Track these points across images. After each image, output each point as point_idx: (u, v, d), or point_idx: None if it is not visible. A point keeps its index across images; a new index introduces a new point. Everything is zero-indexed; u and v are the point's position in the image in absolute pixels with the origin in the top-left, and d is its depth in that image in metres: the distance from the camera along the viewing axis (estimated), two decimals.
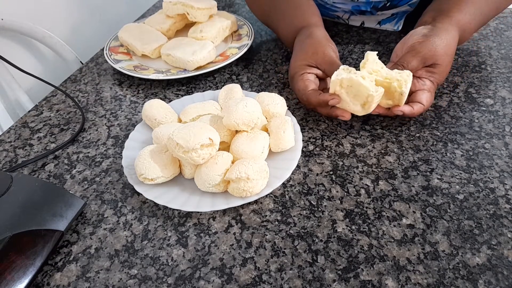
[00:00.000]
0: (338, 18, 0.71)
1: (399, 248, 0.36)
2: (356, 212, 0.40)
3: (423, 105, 0.47)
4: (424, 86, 0.48)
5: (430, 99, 0.48)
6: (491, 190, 0.41)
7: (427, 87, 0.48)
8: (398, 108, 0.46)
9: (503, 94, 0.53)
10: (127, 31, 0.68)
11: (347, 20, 0.71)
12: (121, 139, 0.52)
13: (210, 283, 0.35)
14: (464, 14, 0.51)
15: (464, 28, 0.51)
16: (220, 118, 0.45)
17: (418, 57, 0.47)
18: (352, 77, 0.43)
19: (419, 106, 0.47)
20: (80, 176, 0.47)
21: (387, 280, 0.34)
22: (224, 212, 0.41)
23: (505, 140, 0.46)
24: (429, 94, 0.48)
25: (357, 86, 0.44)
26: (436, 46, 0.47)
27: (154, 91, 0.61)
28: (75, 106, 0.59)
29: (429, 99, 0.48)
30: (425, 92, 0.48)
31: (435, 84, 0.49)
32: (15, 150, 0.52)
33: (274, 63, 0.65)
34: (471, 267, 0.34)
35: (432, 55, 0.47)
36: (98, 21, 0.95)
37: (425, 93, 0.48)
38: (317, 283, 0.34)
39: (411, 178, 0.43)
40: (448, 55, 0.48)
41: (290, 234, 0.39)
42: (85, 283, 0.36)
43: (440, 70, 0.48)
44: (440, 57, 0.47)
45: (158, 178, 0.42)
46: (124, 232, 0.40)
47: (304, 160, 0.46)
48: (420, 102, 0.47)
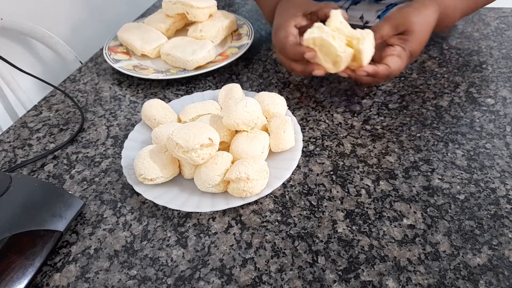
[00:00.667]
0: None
1: (400, 248, 0.36)
2: (357, 213, 0.40)
3: (388, 67, 0.47)
4: (394, 51, 0.48)
5: (398, 64, 0.48)
6: (492, 190, 0.41)
7: (396, 52, 0.48)
8: (361, 69, 0.47)
9: (504, 94, 0.53)
10: (126, 31, 0.68)
11: (346, 11, 0.70)
12: (120, 139, 0.52)
13: (210, 284, 0.35)
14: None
15: (446, 7, 0.51)
16: (220, 118, 0.45)
17: (390, 23, 0.48)
18: (323, 36, 0.44)
19: (384, 66, 0.47)
20: (79, 176, 0.47)
21: (387, 281, 0.34)
22: (224, 213, 0.41)
23: (506, 140, 0.46)
24: (397, 59, 0.48)
25: (327, 46, 0.45)
26: (409, 13, 0.48)
27: (154, 91, 0.60)
28: (74, 106, 0.59)
29: (396, 63, 0.48)
30: (393, 56, 0.48)
31: (407, 51, 0.49)
32: (14, 150, 0.52)
33: (274, 63, 0.64)
34: (472, 268, 0.34)
35: (404, 22, 0.48)
36: (98, 21, 0.94)
37: (393, 57, 0.48)
38: (317, 283, 0.34)
39: (412, 178, 0.43)
40: (422, 24, 0.48)
41: (290, 235, 0.38)
42: (84, 284, 0.36)
43: (412, 38, 0.48)
44: (413, 24, 0.48)
45: (157, 178, 0.41)
46: (123, 233, 0.40)
47: (304, 160, 0.46)
48: (386, 64, 0.47)
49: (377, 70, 0.47)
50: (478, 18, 0.70)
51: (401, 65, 0.48)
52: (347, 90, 0.57)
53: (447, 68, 0.59)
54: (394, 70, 0.48)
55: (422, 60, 0.61)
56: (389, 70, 0.47)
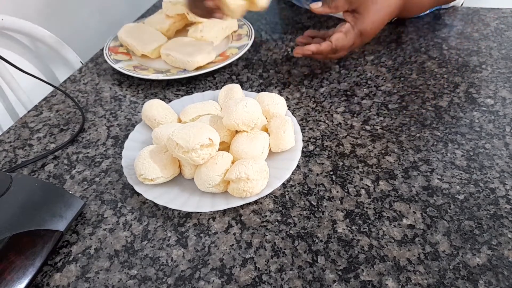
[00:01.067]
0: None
1: (400, 248, 0.36)
2: (356, 213, 0.40)
3: (330, 43, 0.51)
4: (342, 28, 0.51)
5: (342, 41, 0.51)
6: (491, 191, 0.41)
7: (344, 29, 0.51)
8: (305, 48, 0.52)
9: (503, 94, 0.53)
10: (127, 31, 0.68)
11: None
12: (120, 139, 0.52)
13: (210, 284, 0.35)
14: None
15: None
16: (220, 118, 0.45)
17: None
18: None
19: (326, 44, 0.51)
20: (79, 177, 0.47)
21: (387, 281, 0.34)
22: (224, 213, 0.41)
23: (506, 140, 0.46)
24: (341, 35, 0.51)
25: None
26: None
27: (154, 91, 0.61)
28: (74, 106, 0.59)
29: (340, 39, 0.51)
30: (339, 33, 0.51)
31: (356, 30, 0.51)
32: (15, 150, 0.52)
33: (274, 63, 0.65)
34: (472, 268, 0.34)
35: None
36: (98, 21, 0.95)
37: (338, 34, 0.51)
38: (317, 283, 0.34)
39: (411, 179, 0.43)
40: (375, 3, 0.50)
41: (290, 235, 0.39)
42: (84, 284, 0.36)
43: (363, 17, 0.50)
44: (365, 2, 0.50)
45: (157, 178, 0.42)
46: (123, 233, 0.40)
47: (304, 160, 0.46)
48: (330, 41, 0.51)
49: (320, 48, 0.51)
50: (478, 19, 0.70)
51: (346, 42, 0.51)
52: (347, 90, 0.57)
53: (447, 68, 0.59)
54: (338, 46, 0.51)
55: (422, 60, 0.61)
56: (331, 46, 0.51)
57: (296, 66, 0.63)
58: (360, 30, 0.51)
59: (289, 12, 0.80)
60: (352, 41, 0.52)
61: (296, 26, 0.74)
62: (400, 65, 0.61)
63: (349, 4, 0.51)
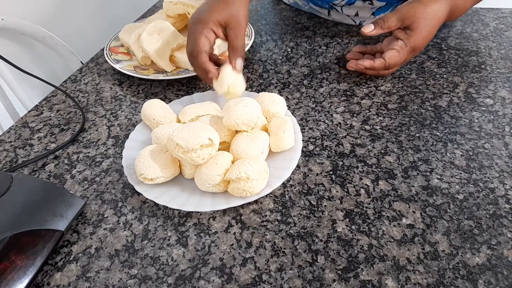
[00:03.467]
0: (332, 7, 0.71)
1: (399, 248, 0.37)
2: (356, 212, 0.40)
3: (383, 61, 0.52)
4: (395, 46, 0.52)
5: (395, 58, 0.52)
6: (491, 190, 0.41)
7: (397, 47, 0.52)
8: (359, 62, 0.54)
9: (502, 94, 0.53)
10: (128, 32, 0.68)
11: (341, 9, 0.71)
12: (121, 139, 0.52)
13: (210, 283, 0.35)
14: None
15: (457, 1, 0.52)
16: (220, 118, 0.45)
17: (396, 15, 0.51)
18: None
19: (380, 61, 0.52)
20: (80, 176, 0.47)
21: (387, 280, 0.34)
22: (224, 212, 0.41)
23: (505, 140, 0.46)
24: (394, 53, 0.52)
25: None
26: (416, 8, 0.51)
27: (154, 91, 0.61)
28: (75, 106, 0.59)
29: (393, 57, 0.52)
30: (392, 51, 0.52)
31: (408, 46, 0.52)
32: (15, 150, 0.52)
33: (274, 63, 0.65)
34: (471, 267, 0.35)
35: (410, 15, 0.50)
36: (98, 21, 0.95)
37: (391, 52, 0.52)
38: (317, 283, 0.34)
39: (411, 178, 0.43)
40: (427, 19, 0.50)
41: (290, 234, 0.39)
42: (85, 283, 0.36)
43: (415, 33, 0.51)
44: (417, 19, 0.50)
45: (158, 178, 0.42)
46: (124, 232, 0.40)
47: (304, 160, 0.46)
48: (383, 58, 0.52)
49: (373, 64, 0.53)
50: (477, 19, 0.70)
51: (399, 59, 0.52)
52: (347, 90, 0.57)
53: (446, 68, 0.59)
54: (391, 64, 0.52)
55: (421, 60, 0.61)
56: (384, 64, 0.52)
57: (296, 66, 0.63)
58: (412, 47, 0.52)
59: (289, 12, 0.80)
60: (404, 57, 0.53)
61: (296, 27, 0.74)
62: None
63: (401, 22, 0.52)
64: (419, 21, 0.50)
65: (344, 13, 0.71)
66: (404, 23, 0.51)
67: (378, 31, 0.53)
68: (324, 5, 0.72)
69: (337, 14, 0.72)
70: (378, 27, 0.53)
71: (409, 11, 0.51)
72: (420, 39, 0.51)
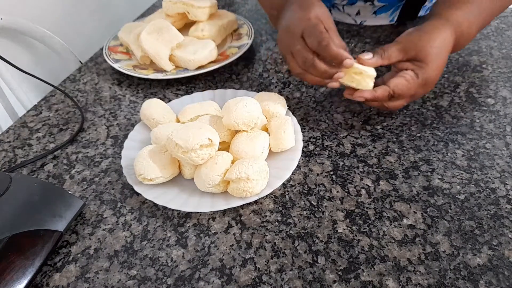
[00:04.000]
0: (334, 6, 0.71)
1: (400, 248, 0.36)
2: (357, 213, 0.40)
3: (387, 88, 0.44)
4: (404, 74, 0.45)
5: (402, 87, 0.44)
6: (492, 190, 0.41)
7: (407, 75, 0.45)
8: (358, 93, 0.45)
9: (504, 94, 0.53)
10: (127, 31, 0.67)
11: (342, 8, 0.70)
12: (120, 139, 0.52)
13: (210, 284, 0.35)
14: (463, 14, 0.48)
15: (460, 25, 0.47)
16: (219, 118, 0.45)
17: (397, 45, 0.46)
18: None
19: (382, 89, 0.45)
20: (79, 176, 0.47)
21: (387, 281, 0.34)
22: (224, 213, 0.41)
23: (506, 140, 0.46)
24: (402, 80, 0.44)
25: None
26: (419, 36, 0.45)
27: (154, 90, 0.60)
28: (74, 106, 0.59)
29: (399, 85, 0.44)
30: (399, 78, 0.45)
31: (420, 78, 0.45)
32: (14, 150, 0.52)
33: (274, 63, 0.64)
34: (472, 268, 0.34)
35: (413, 45, 0.45)
36: (97, 20, 0.94)
37: (398, 79, 0.45)
38: (317, 283, 0.34)
39: (412, 178, 0.43)
40: (435, 47, 0.44)
41: (290, 235, 0.38)
42: (84, 284, 0.36)
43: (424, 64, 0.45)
44: (423, 48, 0.44)
45: (157, 178, 0.41)
46: (123, 233, 0.40)
47: (304, 160, 0.46)
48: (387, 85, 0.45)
49: (375, 94, 0.45)
50: None
51: (406, 90, 0.44)
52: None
53: (447, 68, 0.59)
54: (396, 92, 0.44)
55: None
56: (389, 92, 0.44)
57: None
58: (424, 79, 0.45)
59: None
60: (414, 90, 0.45)
61: None
62: None
63: (404, 54, 0.45)
64: (427, 50, 0.44)
65: (345, 12, 0.71)
66: (407, 54, 0.45)
67: (377, 61, 0.46)
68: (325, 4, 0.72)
69: (338, 13, 0.72)
70: (378, 56, 0.46)
71: (411, 40, 0.45)
72: (433, 70, 0.45)
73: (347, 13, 0.71)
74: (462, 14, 0.48)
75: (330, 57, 0.45)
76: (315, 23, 0.46)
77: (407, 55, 0.46)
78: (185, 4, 0.66)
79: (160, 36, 0.61)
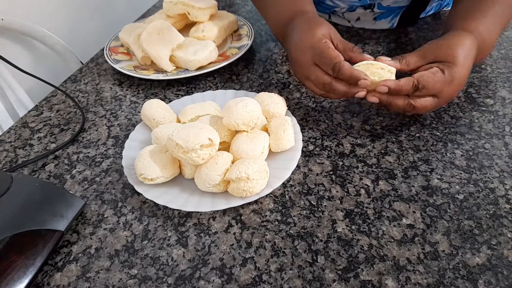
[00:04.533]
0: (334, 12, 0.71)
1: (399, 248, 0.37)
2: (356, 212, 0.40)
3: (412, 79, 0.42)
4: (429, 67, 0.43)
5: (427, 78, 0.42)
6: (491, 190, 0.41)
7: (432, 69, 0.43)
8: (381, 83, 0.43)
9: (503, 94, 0.53)
10: (128, 32, 0.68)
11: (342, 15, 0.71)
12: (121, 139, 0.52)
13: (210, 283, 0.35)
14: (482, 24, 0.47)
15: (480, 33, 0.46)
16: (220, 118, 0.45)
17: (417, 52, 0.45)
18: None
19: (407, 79, 0.42)
20: (80, 176, 0.47)
21: (387, 280, 0.34)
22: (224, 212, 0.41)
23: (505, 140, 0.46)
24: (427, 72, 0.42)
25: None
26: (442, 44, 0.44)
27: (154, 91, 0.61)
28: (75, 106, 0.59)
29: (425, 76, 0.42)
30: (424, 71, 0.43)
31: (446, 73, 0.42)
32: (15, 150, 0.52)
33: (274, 63, 0.65)
34: (471, 267, 0.35)
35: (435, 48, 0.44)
36: (98, 21, 0.95)
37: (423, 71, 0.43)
38: (317, 283, 0.34)
39: (411, 178, 0.43)
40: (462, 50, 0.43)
41: (290, 234, 0.39)
42: (85, 283, 0.36)
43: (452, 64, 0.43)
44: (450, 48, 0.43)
45: (158, 178, 0.42)
46: (124, 232, 0.40)
47: (304, 160, 0.46)
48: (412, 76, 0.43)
49: (399, 84, 0.42)
50: None
51: (432, 83, 0.42)
52: None
53: None
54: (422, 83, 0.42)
55: None
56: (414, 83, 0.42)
57: None
58: (451, 76, 0.42)
59: None
60: (440, 85, 0.42)
61: None
62: None
63: (423, 59, 0.44)
64: (456, 53, 0.42)
65: (345, 18, 0.71)
66: (426, 58, 0.44)
67: (396, 64, 0.45)
68: (325, 11, 0.72)
69: (338, 19, 0.72)
70: (396, 61, 0.45)
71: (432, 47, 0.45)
72: (461, 70, 0.42)
73: (347, 19, 0.71)
74: (481, 24, 0.47)
75: (346, 80, 0.44)
76: (323, 49, 0.45)
77: (426, 59, 0.45)
78: (186, 5, 0.66)
79: (161, 37, 0.61)
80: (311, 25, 0.48)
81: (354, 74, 0.43)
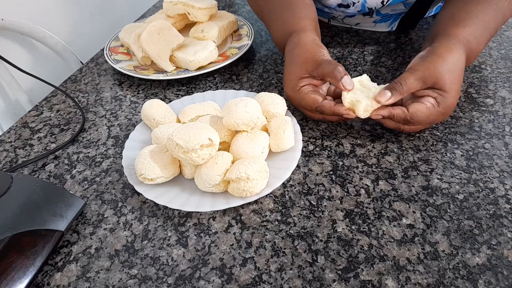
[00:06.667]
0: (333, 18, 0.71)
1: (399, 248, 0.37)
2: (356, 212, 0.40)
3: (405, 111, 0.43)
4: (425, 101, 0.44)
5: (421, 114, 0.43)
6: (491, 190, 0.41)
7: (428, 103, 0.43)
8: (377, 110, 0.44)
9: (503, 94, 0.53)
10: (128, 32, 0.68)
11: (342, 20, 0.71)
12: (121, 139, 0.52)
13: (210, 283, 0.35)
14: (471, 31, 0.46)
15: (469, 42, 0.46)
16: (220, 118, 0.45)
17: (415, 74, 0.44)
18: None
19: (401, 109, 0.43)
20: (80, 176, 0.47)
21: (387, 280, 0.34)
22: (224, 212, 0.41)
23: (505, 140, 0.46)
24: (422, 107, 0.43)
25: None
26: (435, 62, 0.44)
27: (154, 91, 0.61)
28: (75, 106, 0.59)
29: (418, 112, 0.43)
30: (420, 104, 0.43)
31: (441, 107, 0.43)
32: (15, 150, 0.52)
33: (274, 63, 0.65)
34: (471, 267, 0.35)
35: (432, 73, 0.43)
36: (98, 21, 0.95)
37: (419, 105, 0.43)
38: (317, 283, 0.34)
39: (411, 178, 0.43)
40: (452, 72, 0.43)
41: (290, 234, 0.39)
42: (85, 283, 0.36)
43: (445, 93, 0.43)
44: (442, 75, 0.43)
45: (158, 178, 0.42)
46: (124, 232, 0.40)
47: (304, 160, 0.46)
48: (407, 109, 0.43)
49: (392, 112, 0.43)
50: None
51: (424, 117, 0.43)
52: None
53: None
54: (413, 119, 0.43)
55: None
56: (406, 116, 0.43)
57: None
58: (445, 108, 0.43)
59: None
60: (433, 117, 0.44)
61: None
62: (399, 65, 0.61)
63: (423, 83, 0.43)
64: (445, 77, 0.43)
65: (345, 23, 0.71)
66: (426, 83, 0.43)
67: (396, 98, 0.43)
68: (324, 16, 0.72)
69: (337, 22, 0.73)
70: (396, 93, 0.43)
71: (429, 67, 0.43)
72: (453, 97, 0.43)
73: (346, 24, 0.71)
74: (470, 32, 0.47)
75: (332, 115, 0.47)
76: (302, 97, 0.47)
77: (425, 83, 0.44)
78: (186, 5, 0.66)
79: (161, 37, 0.61)
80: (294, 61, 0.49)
81: (335, 111, 0.46)
